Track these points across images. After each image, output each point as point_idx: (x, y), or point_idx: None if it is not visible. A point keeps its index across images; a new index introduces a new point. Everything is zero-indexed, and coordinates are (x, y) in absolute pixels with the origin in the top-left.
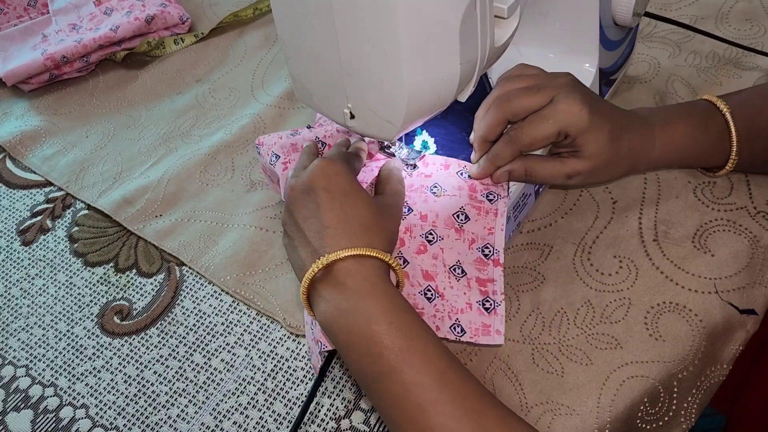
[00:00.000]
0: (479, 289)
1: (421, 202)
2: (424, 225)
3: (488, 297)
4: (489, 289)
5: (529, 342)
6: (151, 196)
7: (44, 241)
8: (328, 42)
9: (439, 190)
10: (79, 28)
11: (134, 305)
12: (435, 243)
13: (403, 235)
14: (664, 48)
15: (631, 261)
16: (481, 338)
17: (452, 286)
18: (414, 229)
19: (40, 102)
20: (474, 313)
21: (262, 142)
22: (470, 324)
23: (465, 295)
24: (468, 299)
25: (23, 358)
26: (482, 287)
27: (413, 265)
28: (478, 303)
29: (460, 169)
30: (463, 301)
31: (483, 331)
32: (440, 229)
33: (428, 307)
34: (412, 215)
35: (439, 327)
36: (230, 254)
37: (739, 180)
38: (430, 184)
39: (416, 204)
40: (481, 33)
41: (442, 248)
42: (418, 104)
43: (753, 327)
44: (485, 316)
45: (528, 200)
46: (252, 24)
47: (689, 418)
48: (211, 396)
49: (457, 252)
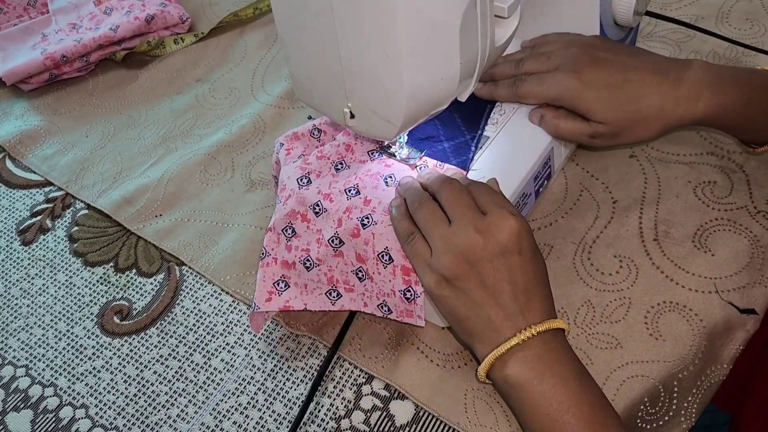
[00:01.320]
0: (403, 278)
1: (370, 188)
2: (364, 209)
3: (410, 287)
4: (412, 279)
5: None
6: (151, 196)
7: (44, 241)
8: (328, 42)
9: (392, 182)
10: (79, 28)
11: (134, 305)
12: (368, 227)
13: (342, 215)
14: (664, 47)
15: (631, 260)
16: (406, 319)
17: (379, 272)
18: (353, 211)
19: (40, 102)
20: (397, 299)
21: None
22: (395, 306)
23: (390, 282)
24: (392, 287)
25: (23, 358)
26: (406, 276)
27: (348, 246)
28: (401, 292)
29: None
30: (388, 288)
31: (406, 314)
32: (377, 215)
33: (359, 285)
34: (357, 197)
35: (366, 303)
36: (230, 254)
37: (739, 180)
38: (386, 173)
39: (366, 188)
40: (482, 32)
41: (374, 233)
42: (418, 104)
43: (753, 327)
44: (407, 304)
45: (528, 200)
46: (252, 24)
47: (689, 418)
48: (211, 396)
49: (386, 239)
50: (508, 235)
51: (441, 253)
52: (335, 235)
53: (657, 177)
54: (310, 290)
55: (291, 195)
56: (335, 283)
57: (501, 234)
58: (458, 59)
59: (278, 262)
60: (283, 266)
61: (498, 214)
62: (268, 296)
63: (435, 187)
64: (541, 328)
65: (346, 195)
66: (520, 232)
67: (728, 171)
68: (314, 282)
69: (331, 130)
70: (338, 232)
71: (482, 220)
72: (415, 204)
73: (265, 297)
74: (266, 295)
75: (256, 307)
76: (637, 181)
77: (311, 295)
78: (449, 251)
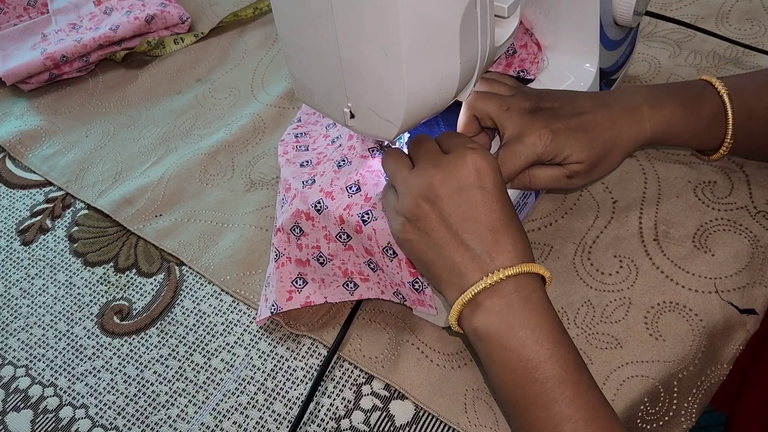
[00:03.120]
0: (409, 270)
1: (371, 184)
2: (364, 205)
3: (417, 278)
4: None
5: None
6: (150, 196)
7: (44, 241)
8: (328, 41)
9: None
10: (79, 28)
11: (134, 305)
12: (369, 223)
13: (343, 212)
14: (664, 47)
15: (631, 261)
16: (419, 307)
17: (387, 265)
18: (353, 208)
19: (40, 102)
20: (407, 290)
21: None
22: (408, 296)
23: (398, 275)
24: (401, 278)
25: (23, 358)
26: (411, 268)
27: (356, 239)
28: (409, 283)
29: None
30: (398, 279)
31: (419, 303)
32: (377, 210)
33: (372, 275)
34: (358, 194)
35: (384, 291)
36: (230, 254)
37: (739, 180)
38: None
39: (366, 185)
40: (482, 32)
41: (374, 229)
42: (418, 104)
43: (753, 327)
44: (417, 294)
45: (528, 200)
46: (252, 24)
47: (690, 418)
48: (210, 396)
49: (387, 234)
50: (467, 169)
51: (402, 195)
52: (341, 230)
53: (657, 177)
54: (328, 284)
55: (296, 195)
56: (351, 275)
57: (460, 169)
58: (458, 59)
59: (293, 261)
60: (298, 264)
61: (459, 151)
62: (289, 295)
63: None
64: (511, 271)
65: (347, 192)
66: (481, 166)
67: (728, 171)
68: (330, 276)
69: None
70: (343, 227)
71: (442, 157)
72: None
73: (285, 297)
74: (287, 295)
75: (279, 308)
76: (637, 181)
77: (329, 288)
78: (409, 192)
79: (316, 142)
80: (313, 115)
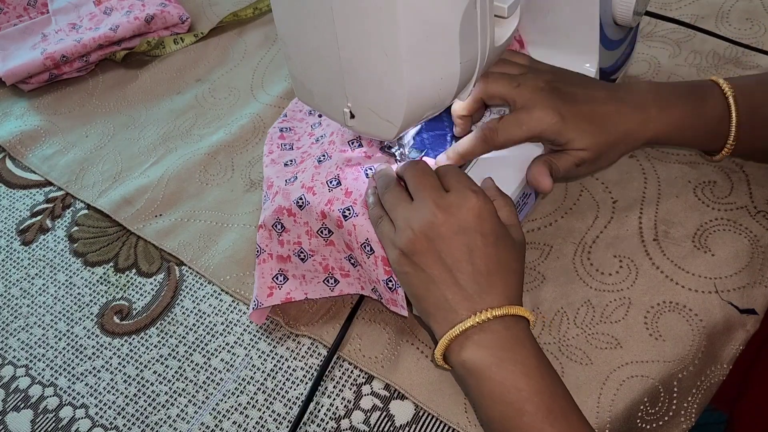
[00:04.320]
0: (384, 268)
1: (351, 179)
2: (345, 200)
3: (391, 277)
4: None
5: None
6: (150, 196)
7: (44, 241)
8: (328, 41)
9: (372, 173)
10: (79, 28)
11: (134, 305)
12: (349, 219)
13: (324, 207)
14: (664, 47)
15: (631, 260)
16: (392, 307)
17: (365, 261)
18: (335, 203)
19: (40, 102)
20: (382, 288)
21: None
22: (383, 293)
23: (374, 271)
24: (377, 276)
25: (23, 358)
26: (386, 266)
27: (337, 234)
28: (384, 281)
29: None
30: (374, 276)
31: (392, 302)
32: (358, 206)
33: (353, 270)
34: (338, 189)
35: (363, 287)
36: (230, 254)
37: (739, 180)
38: (367, 164)
39: (347, 179)
40: (481, 32)
41: (354, 225)
42: (418, 104)
43: (753, 327)
44: (390, 293)
45: (528, 200)
46: (252, 24)
47: (689, 418)
48: (210, 396)
49: (366, 230)
50: (469, 213)
51: (401, 229)
52: (323, 226)
53: (657, 177)
54: (309, 280)
55: (278, 191)
56: (331, 271)
57: (461, 211)
58: (458, 59)
59: (273, 257)
60: (279, 260)
61: (461, 192)
62: (269, 291)
63: (402, 171)
64: (499, 312)
65: (328, 187)
66: (482, 211)
67: (728, 171)
68: (311, 272)
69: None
70: (325, 223)
71: (444, 197)
72: (383, 188)
73: (266, 293)
74: (267, 291)
75: (259, 304)
76: (637, 181)
77: (310, 284)
78: (409, 227)
79: (301, 140)
80: (299, 112)
